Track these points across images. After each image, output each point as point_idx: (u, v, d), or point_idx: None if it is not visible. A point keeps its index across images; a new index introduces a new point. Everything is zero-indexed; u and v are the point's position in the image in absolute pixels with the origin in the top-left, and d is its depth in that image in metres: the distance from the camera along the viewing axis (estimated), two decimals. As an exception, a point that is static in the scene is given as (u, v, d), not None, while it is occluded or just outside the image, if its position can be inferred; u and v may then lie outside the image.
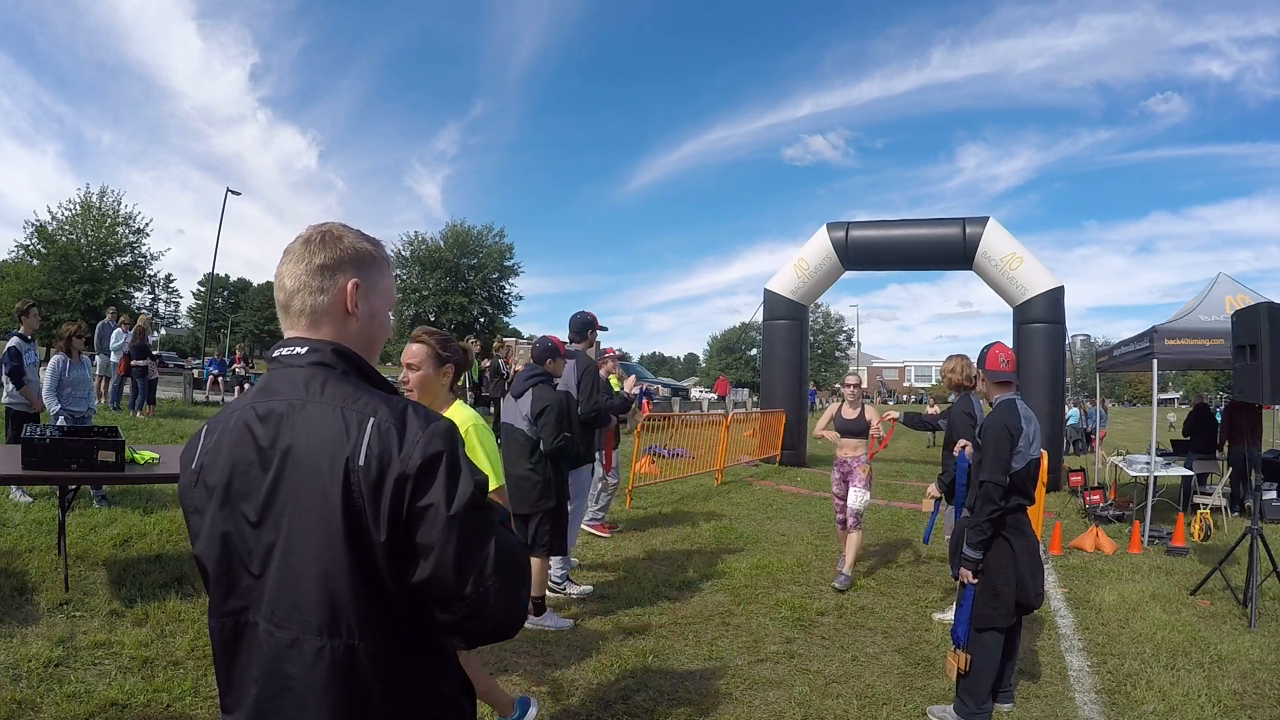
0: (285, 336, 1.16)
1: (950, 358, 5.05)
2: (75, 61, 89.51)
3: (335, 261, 1.14)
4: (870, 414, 5.90)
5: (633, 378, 6.62)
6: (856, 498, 5.76)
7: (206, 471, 1.12)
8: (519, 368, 6.86)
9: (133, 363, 12.01)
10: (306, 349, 1.11)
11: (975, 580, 3.37)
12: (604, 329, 5.66)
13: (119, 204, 35.64)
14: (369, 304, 1.17)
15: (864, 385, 6.20)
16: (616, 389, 6.55)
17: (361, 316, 1.16)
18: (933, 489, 5.08)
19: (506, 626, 1.08)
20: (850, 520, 5.86)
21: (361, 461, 1.02)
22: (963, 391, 4.94)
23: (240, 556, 1.08)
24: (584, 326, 5.47)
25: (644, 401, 17.60)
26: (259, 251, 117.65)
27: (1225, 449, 10.38)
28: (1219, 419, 11.53)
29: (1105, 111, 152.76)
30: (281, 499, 1.06)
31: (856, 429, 5.87)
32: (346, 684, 1.02)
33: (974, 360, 4.56)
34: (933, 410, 6.98)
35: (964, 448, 4.26)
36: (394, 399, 1.10)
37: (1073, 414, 19.33)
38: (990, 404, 3.64)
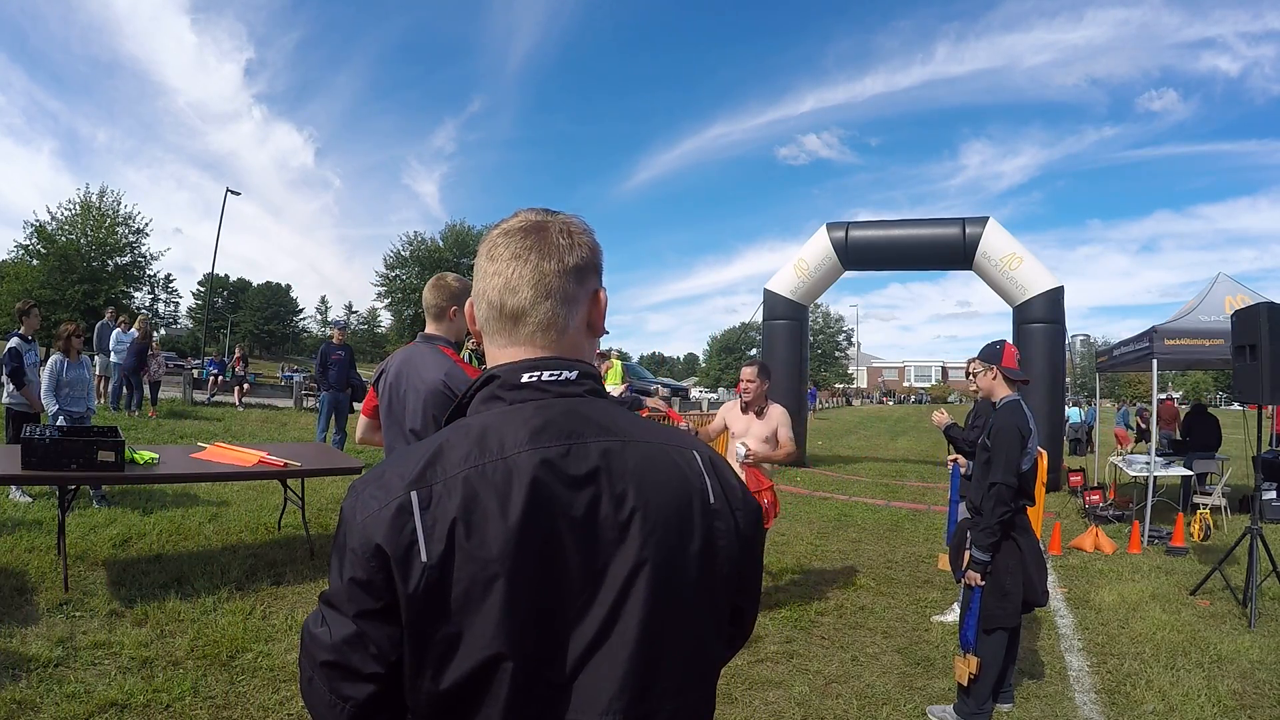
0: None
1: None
2: (68, 58, 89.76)
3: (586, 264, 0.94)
4: None
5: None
6: None
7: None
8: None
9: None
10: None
11: (983, 582, 3.36)
12: (606, 332, 5.78)
13: (119, 204, 35.75)
14: None
15: None
16: (619, 380, 6.56)
17: None
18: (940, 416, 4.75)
19: None
20: None
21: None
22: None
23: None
24: None
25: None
26: (257, 250, 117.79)
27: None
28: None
29: (1111, 108, 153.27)
30: None
31: None
32: None
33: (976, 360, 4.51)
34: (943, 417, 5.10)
35: (954, 459, 4.27)
36: None
37: (1073, 413, 19.22)
38: (995, 404, 3.61)
